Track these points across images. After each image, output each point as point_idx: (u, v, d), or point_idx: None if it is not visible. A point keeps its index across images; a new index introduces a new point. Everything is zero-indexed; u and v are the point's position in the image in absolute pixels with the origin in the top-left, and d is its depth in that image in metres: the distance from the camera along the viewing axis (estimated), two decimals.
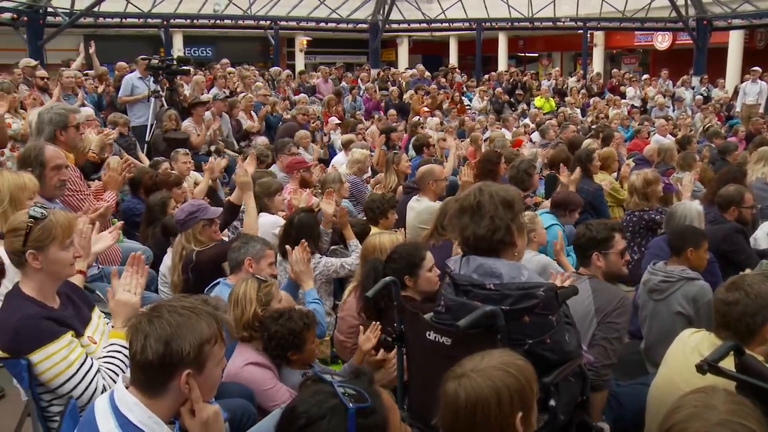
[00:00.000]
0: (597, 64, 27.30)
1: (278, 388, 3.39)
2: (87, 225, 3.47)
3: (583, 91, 17.16)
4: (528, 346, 2.58)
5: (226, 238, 5.07)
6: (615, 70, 21.71)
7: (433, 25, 25.38)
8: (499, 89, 17.32)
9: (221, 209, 4.94)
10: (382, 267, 3.81)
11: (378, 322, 3.68)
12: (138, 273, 2.99)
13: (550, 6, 23.10)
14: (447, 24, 25.07)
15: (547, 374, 2.57)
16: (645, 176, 6.01)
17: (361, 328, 3.82)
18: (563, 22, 23.51)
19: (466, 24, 24.60)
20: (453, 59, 29.60)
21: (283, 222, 5.16)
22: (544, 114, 15.05)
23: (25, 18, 18.12)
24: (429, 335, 2.85)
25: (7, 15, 18.18)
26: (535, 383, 2.09)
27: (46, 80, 9.90)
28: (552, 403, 2.65)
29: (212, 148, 9.38)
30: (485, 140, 11.05)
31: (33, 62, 11.21)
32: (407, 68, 22.01)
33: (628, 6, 21.92)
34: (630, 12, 22.07)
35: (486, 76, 19.73)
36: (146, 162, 7.99)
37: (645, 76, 19.02)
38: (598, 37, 27.33)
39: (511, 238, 2.73)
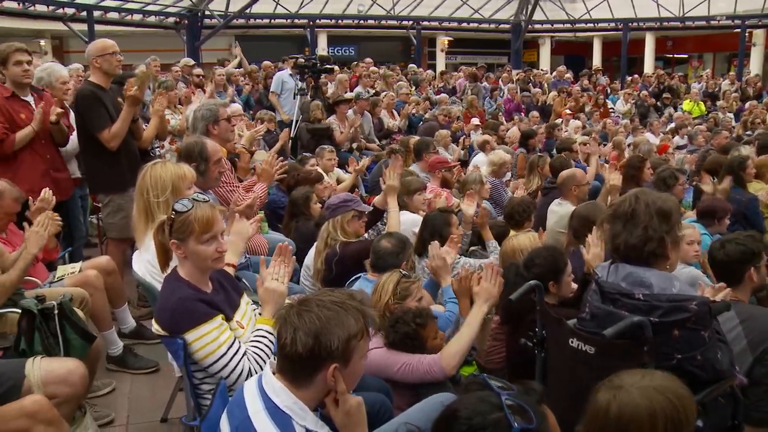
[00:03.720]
0: (755, 65, 25.37)
1: (410, 358, 3.30)
2: (245, 225, 3.62)
3: (736, 94, 16.16)
4: (676, 361, 2.49)
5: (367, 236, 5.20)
6: None
7: (576, 25, 24.71)
8: (644, 92, 16.62)
9: (371, 207, 5.09)
10: (524, 271, 3.76)
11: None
12: (285, 263, 3.07)
13: (704, 4, 21.78)
14: (591, 24, 24.34)
15: (695, 393, 2.48)
16: None
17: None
18: (718, 21, 22.17)
19: (612, 24, 23.81)
20: (596, 60, 28.52)
21: (421, 221, 5.24)
22: (693, 119, 14.34)
23: (185, 21, 19.40)
24: (572, 342, 2.80)
25: (171, 19, 19.63)
26: (694, 418, 1.97)
27: (202, 78, 10.50)
28: (699, 423, 2.54)
29: (354, 145, 9.63)
30: (629, 145, 10.70)
31: (191, 62, 11.95)
32: (549, 69, 21.56)
33: None
34: None
35: (630, 79, 18.97)
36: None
37: None
38: (758, 36, 25.46)
39: (664, 250, 2.64)
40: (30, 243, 3.83)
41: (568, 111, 13.72)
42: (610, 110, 15.72)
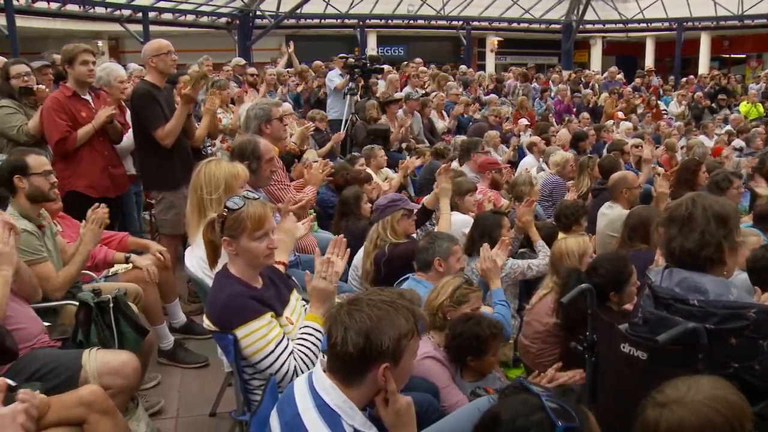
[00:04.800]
0: None
1: (453, 388, 3.37)
2: (294, 223, 3.65)
3: None
4: (733, 370, 2.41)
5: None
6: None
7: (629, 25, 24.30)
8: (699, 93, 16.22)
9: (420, 205, 5.09)
10: (584, 277, 3.66)
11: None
12: (340, 257, 3.07)
13: (765, 1, 21.06)
14: (645, 24, 23.90)
15: (753, 403, 2.41)
16: None
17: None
18: None
19: (666, 24, 23.34)
20: (649, 61, 27.95)
21: (471, 222, 5.23)
22: (750, 121, 13.96)
23: (237, 21, 19.71)
24: (623, 347, 2.74)
25: (223, 20, 19.97)
26: (749, 421, 1.88)
27: (255, 77, 10.62)
28: None
29: (403, 145, 9.64)
30: (682, 148, 10.48)
31: (242, 61, 12.10)
32: (600, 70, 21.23)
33: None
34: None
35: (685, 79, 18.52)
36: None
37: None
38: None
39: (721, 255, 2.57)
40: (86, 239, 3.93)
41: (619, 113, 13.49)
42: (663, 112, 15.39)
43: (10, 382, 2.94)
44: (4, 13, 15.68)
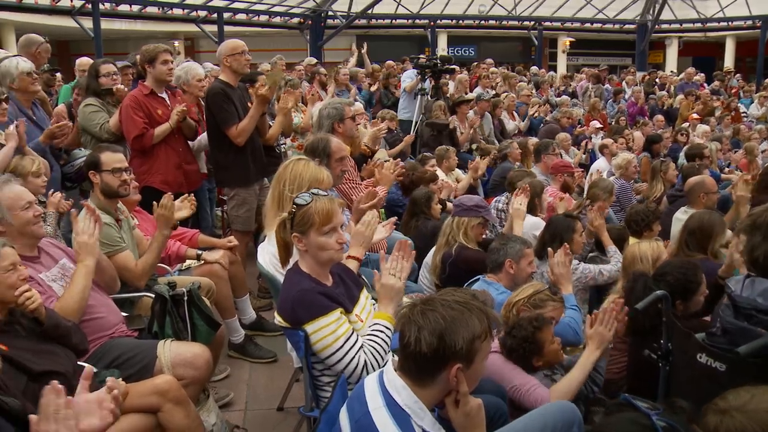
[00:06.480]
0: None
1: (520, 371, 3.28)
2: (374, 217, 3.62)
3: None
4: None
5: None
6: None
7: (708, 24, 23.48)
8: None
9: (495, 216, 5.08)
10: (651, 282, 3.59)
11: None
12: (404, 259, 3.07)
13: None
14: (725, 23, 23.05)
15: None
16: None
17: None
18: None
19: (749, 22, 22.45)
20: (728, 61, 26.93)
21: (543, 224, 5.16)
22: None
23: (309, 21, 20.00)
24: (700, 358, 2.68)
25: (295, 20, 20.29)
26: None
27: (326, 77, 10.73)
28: None
29: (473, 146, 9.58)
30: (763, 151, 10.10)
31: (314, 61, 12.25)
32: (675, 71, 20.63)
33: None
34: None
35: (767, 81, 17.87)
36: None
37: None
38: None
39: None
40: (159, 224, 4.04)
41: (695, 115, 13.09)
42: (743, 114, 14.85)
43: (91, 368, 3.07)
44: (90, 17, 16.41)
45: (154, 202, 4.03)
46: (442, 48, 25.18)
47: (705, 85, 16.46)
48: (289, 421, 4.11)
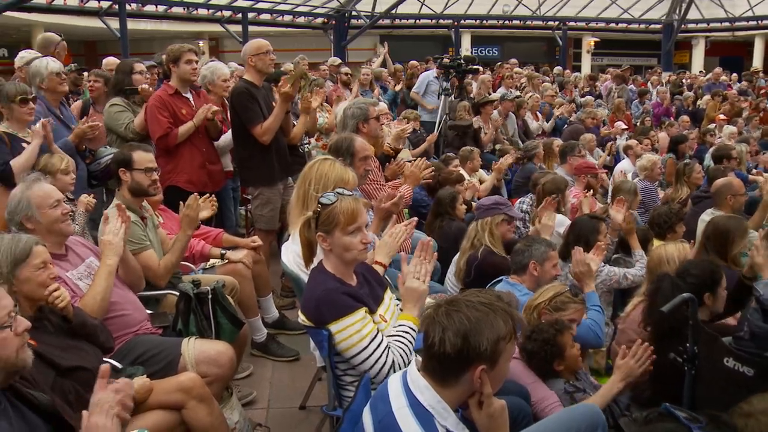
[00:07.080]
0: None
1: (539, 384, 3.29)
2: (403, 231, 3.60)
3: None
4: None
5: None
6: None
7: (736, 23, 23.18)
8: None
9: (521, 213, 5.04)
10: (679, 281, 3.54)
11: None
12: (426, 260, 3.05)
13: None
14: (754, 22, 22.73)
15: None
16: None
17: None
18: None
19: None
20: (757, 61, 26.47)
21: (568, 222, 5.13)
22: None
23: (333, 21, 20.07)
24: (727, 362, 2.66)
25: (319, 20, 20.38)
26: None
27: (349, 76, 10.74)
28: None
29: (497, 147, 9.54)
30: None
31: (338, 61, 12.26)
32: (702, 71, 20.38)
33: None
34: None
35: None
36: None
37: None
38: None
39: None
40: (184, 224, 4.07)
41: (722, 116, 12.92)
42: None
43: (117, 364, 3.11)
44: (116, 17, 16.63)
45: (181, 202, 4.06)
46: (466, 48, 25.17)
47: (732, 85, 16.27)
48: (311, 419, 4.12)
